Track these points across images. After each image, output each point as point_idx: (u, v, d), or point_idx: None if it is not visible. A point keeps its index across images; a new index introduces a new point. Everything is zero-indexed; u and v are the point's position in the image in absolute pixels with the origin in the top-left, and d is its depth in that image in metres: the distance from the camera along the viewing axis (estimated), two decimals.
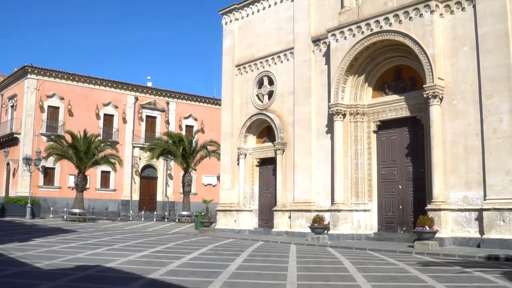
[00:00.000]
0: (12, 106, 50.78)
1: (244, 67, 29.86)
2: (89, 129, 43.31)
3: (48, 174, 47.75)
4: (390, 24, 21.73)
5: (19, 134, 47.47)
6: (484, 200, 18.75)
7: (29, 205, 38.92)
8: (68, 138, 40.40)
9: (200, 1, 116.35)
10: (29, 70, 47.40)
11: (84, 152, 39.50)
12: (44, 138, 46.14)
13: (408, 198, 22.20)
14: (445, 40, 20.57)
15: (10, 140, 48.83)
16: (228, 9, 31.10)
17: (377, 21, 22.18)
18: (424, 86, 20.50)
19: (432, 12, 20.44)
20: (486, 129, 18.94)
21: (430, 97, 20.21)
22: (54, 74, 48.95)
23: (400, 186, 22.53)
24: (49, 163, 44.08)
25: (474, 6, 19.82)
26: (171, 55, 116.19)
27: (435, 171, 19.89)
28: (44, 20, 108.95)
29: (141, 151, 52.56)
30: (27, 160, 41.17)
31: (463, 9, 20.19)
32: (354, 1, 24.22)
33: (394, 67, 23.18)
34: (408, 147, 22.40)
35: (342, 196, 23.23)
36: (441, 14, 20.66)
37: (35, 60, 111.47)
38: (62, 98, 49.13)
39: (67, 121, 48.56)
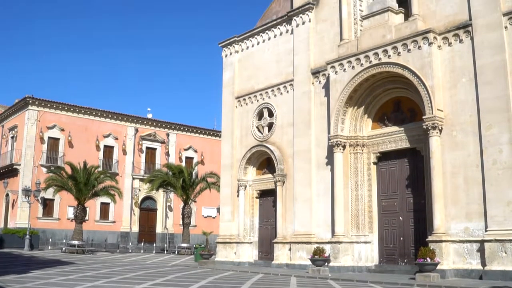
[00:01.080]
0: (12, 137, 50.88)
1: (244, 99, 30.01)
2: (89, 161, 43.28)
3: (47, 205, 47.57)
4: (389, 56, 21.93)
5: (19, 165, 47.46)
6: (486, 231, 18.64)
7: (27, 236, 38.64)
8: (68, 170, 40.34)
9: (201, 33, 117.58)
10: (30, 102, 47.64)
11: (84, 183, 39.40)
12: (44, 169, 46.07)
13: (409, 230, 22.07)
14: (444, 72, 20.73)
15: (10, 171, 48.79)
16: (228, 41, 31.40)
17: (376, 54, 22.38)
18: (423, 117, 20.57)
19: (430, 44, 20.64)
20: (486, 160, 18.95)
21: (429, 128, 20.27)
22: (54, 106, 49.19)
23: (400, 218, 22.42)
24: (48, 194, 43.94)
25: (471, 38, 20.03)
26: (172, 87, 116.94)
27: (435, 203, 19.82)
28: (46, 48, 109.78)
29: (140, 182, 52.45)
30: (27, 191, 41.08)
31: (461, 41, 20.41)
32: (353, 34, 24.48)
33: (393, 99, 23.30)
34: (408, 179, 22.37)
35: (343, 228, 23.10)
36: (439, 46, 20.87)
37: (36, 90, 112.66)
38: (62, 130, 49.27)
39: (67, 153, 48.59)
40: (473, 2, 20.11)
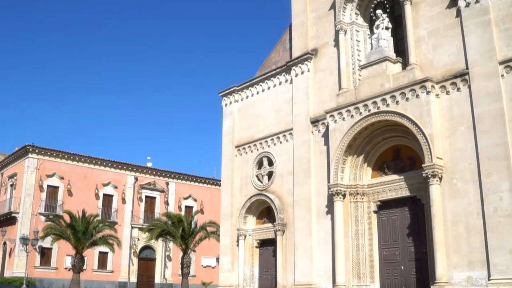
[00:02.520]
0: (11, 185, 50.82)
1: (244, 148, 30.09)
2: (88, 209, 43.00)
3: (45, 254, 47.11)
4: (387, 105, 22.11)
5: (17, 213, 47.25)
6: (489, 280, 18.38)
7: (24, 286, 38.18)
8: (67, 218, 40.06)
9: (200, 83, 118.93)
10: (30, 150, 47.83)
11: (82, 232, 39.02)
12: (43, 218, 45.86)
13: (411, 279, 21.76)
14: (442, 120, 20.87)
15: (8, 219, 48.52)
16: (228, 91, 31.70)
17: (375, 102, 22.58)
18: (423, 165, 20.59)
19: (428, 93, 20.85)
20: (487, 208, 18.86)
21: (429, 176, 20.27)
22: (54, 154, 49.35)
23: (402, 267, 22.13)
24: (46, 243, 43.54)
25: (469, 87, 20.25)
26: (171, 135, 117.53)
27: (437, 251, 19.62)
28: (46, 95, 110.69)
29: (139, 231, 52.09)
30: (24, 240, 40.74)
31: (458, 89, 20.63)
32: (352, 83, 24.74)
33: (393, 147, 23.36)
34: (409, 227, 22.20)
35: (344, 278, 22.78)
36: (437, 95, 21.08)
37: (36, 138, 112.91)
38: (62, 178, 49.27)
39: (66, 201, 48.45)
40: (469, 51, 20.44)
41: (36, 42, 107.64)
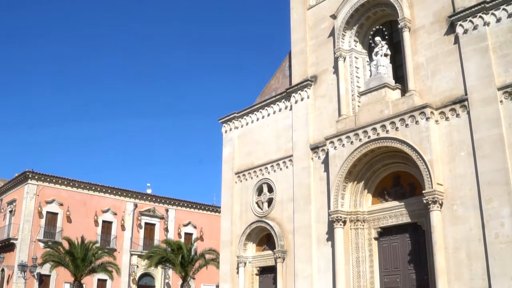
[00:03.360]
0: (10, 211, 50.67)
1: (244, 175, 30.03)
2: (87, 236, 42.90)
3: (43, 281, 46.73)
4: (387, 131, 22.14)
5: (16, 239, 47.01)
6: None
7: None
8: (66, 245, 39.92)
9: (200, 109, 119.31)
10: (30, 176, 47.78)
11: (81, 259, 38.87)
12: (41, 244, 45.62)
13: None
14: (442, 146, 20.88)
15: (7, 246, 48.25)
16: (227, 118, 31.77)
17: (374, 129, 22.61)
18: (423, 192, 20.53)
19: (427, 119, 20.90)
20: (488, 234, 18.74)
21: (430, 203, 20.19)
22: (54, 180, 49.29)
23: None
24: (44, 270, 43.27)
25: (468, 113, 20.31)
26: (171, 161, 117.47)
27: (438, 278, 19.44)
28: (46, 121, 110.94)
29: (139, 258, 51.78)
30: (23, 267, 40.47)
31: (457, 115, 20.68)
32: (351, 109, 24.82)
33: (393, 173, 23.32)
34: (410, 254, 22.04)
35: None
36: (436, 121, 21.13)
37: (36, 164, 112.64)
38: (61, 204, 49.15)
39: (65, 227, 48.25)
40: (468, 77, 20.55)
41: (34, 68, 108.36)
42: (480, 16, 20.65)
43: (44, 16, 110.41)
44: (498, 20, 20.27)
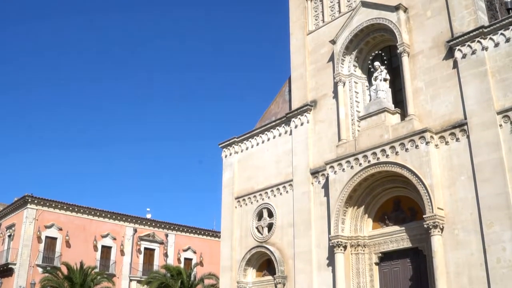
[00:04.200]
0: (9, 236, 50.43)
1: (244, 199, 29.92)
2: (86, 261, 42.60)
3: None
4: (387, 155, 22.13)
5: (15, 264, 46.70)
6: None
7: None
8: (64, 270, 39.63)
9: (200, 133, 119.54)
10: (29, 200, 47.65)
11: (80, 284, 38.57)
12: (40, 270, 45.31)
13: None
14: (442, 170, 20.86)
15: (5, 271, 47.92)
16: (227, 142, 31.77)
17: (374, 153, 22.60)
18: (424, 216, 20.44)
19: (427, 143, 20.91)
20: (489, 259, 18.61)
21: (430, 227, 20.09)
22: (53, 205, 49.15)
23: None
24: None
25: (468, 137, 20.34)
26: (171, 186, 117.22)
27: None
28: (46, 145, 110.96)
29: (138, 284, 51.34)
30: None
31: (457, 139, 20.70)
32: (351, 134, 24.84)
33: (393, 198, 23.25)
34: (412, 279, 21.84)
35: None
36: (436, 145, 21.13)
37: (36, 188, 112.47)
38: (60, 229, 48.92)
39: (64, 252, 47.95)
40: (467, 102, 20.63)
41: (36, 91, 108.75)
42: (479, 41, 20.82)
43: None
44: (496, 44, 20.44)
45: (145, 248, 54.24)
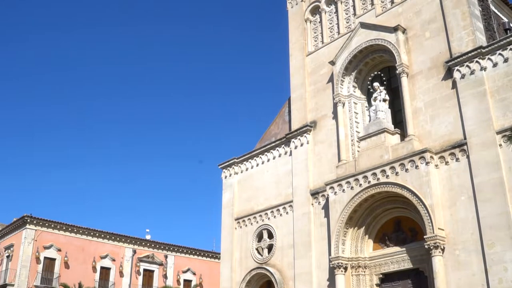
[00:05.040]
0: (7, 256, 50.07)
1: (244, 220, 29.78)
2: (84, 282, 42.32)
3: None
4: (387, 176, 22.10)
5: (13, 285, 46.26)
6: None
7: None
8: None
9: (200, 155, 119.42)
10: (28, 221, 47.41)
11: None
12: None
13: None
14: (442, 190, 20.81)
15: None
16: (227, 163, 31.74)
17: (374, 174, 22.57)
18: (424, 237, 20.35)
19: (427, 163, 20.89)
20: (491, 279, 18.50)
21: (431, 248, 19.99)
22: (52, 225, 48.89)
23: None
24: None
25: (467, 157, 20.34)
26: (170, 207, 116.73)
27: None
28: (45, 166, 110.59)
29: None
30: None
31: (457, 159, 20.69)
32: (351, 155, 24.83)
33: (394, 219, 23.16)
34: None
35: None
36: (436, 165, 21.12)
37: (35, 209, 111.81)
38: (59, 250, 48.59)
39: (63, 273, 47.56)
40: (466, 122, 20.67)
41: (35, 111, 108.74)
42: (477, 61, 20.93)
43: None
44: (495, 64, 20.54)
45: (144, 270, 53.80)
